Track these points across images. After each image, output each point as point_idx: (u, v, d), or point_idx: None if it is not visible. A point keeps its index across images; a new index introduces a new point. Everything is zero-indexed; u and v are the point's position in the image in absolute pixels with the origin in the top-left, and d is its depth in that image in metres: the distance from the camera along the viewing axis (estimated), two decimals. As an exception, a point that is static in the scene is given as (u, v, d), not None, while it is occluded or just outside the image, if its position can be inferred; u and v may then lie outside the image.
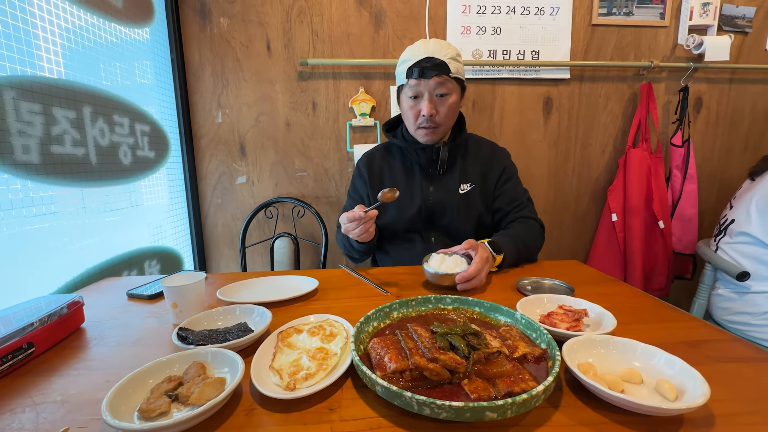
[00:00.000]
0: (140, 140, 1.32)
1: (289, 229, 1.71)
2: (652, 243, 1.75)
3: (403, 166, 1.17)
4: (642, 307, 0.79)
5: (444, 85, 1.01)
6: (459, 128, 1.16)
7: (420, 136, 1.09)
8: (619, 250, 1.77)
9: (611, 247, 1.79)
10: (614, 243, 1.78)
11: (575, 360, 0.53)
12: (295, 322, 0.69)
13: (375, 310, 0.67)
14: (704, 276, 1.46)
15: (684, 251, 1.80)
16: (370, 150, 1.26)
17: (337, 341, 0.61)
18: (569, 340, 0.56)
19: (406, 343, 0.55)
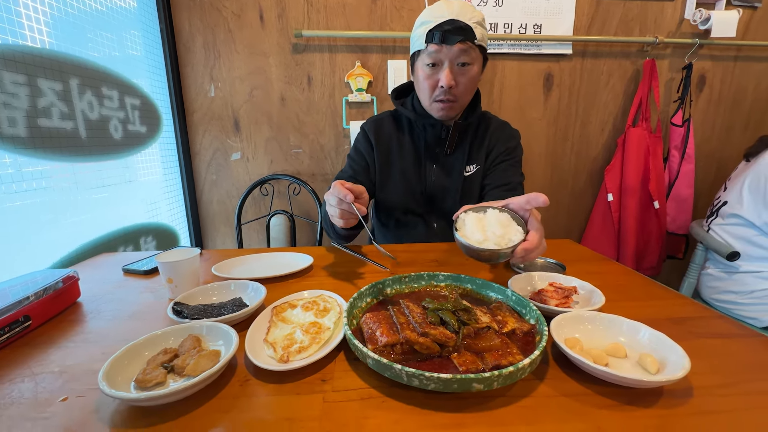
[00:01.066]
0: (131, 114, 1.29)
1: (284, 207, 1.70)
2: (646, 223, 1.76)
3: (411, 140, 1.08)
4: (631, 285, 0.80)
5: (467, 53, 0.89)
6: (472, 105, 1.05)
7: (435, 110, 0.99)
8: (614, 230, 1.79)
9: (606, 226, 1.81)
10: (609, 222, 1.80)
11: (562, 335, 0.55)
12: (290, 297, 0.70)
13: (368, 286, 0.68)
14: (695, 256, 1.48)
15: (677, 231, 1.82)
16: (377, 116, 1.15)
17: (330, 316, 0.62)
18: (557, 316, 0.57)
19: (397, 318, 0.56)
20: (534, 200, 0.60)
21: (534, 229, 0.60)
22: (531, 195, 0.60)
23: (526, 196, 0.61)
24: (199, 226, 1.72)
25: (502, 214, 0.63)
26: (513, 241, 0.59)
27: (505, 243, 0.59)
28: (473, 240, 0.61)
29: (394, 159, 1.10)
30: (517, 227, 0.62)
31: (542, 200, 0.58)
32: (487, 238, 0.61)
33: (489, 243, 0.60)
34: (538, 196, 0.59)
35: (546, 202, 0.59)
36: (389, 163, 1.11)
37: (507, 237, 0.60)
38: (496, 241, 0.60)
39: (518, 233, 0.61)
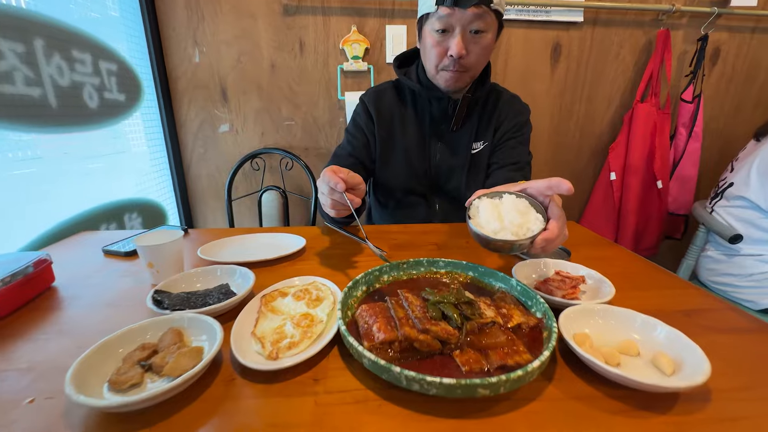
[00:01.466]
0: (107, 81, 1.19)
1: (277, 182, 1.64)
2: (647, 203, 1.72)
3: (414, 114, 1.00)
4: (638, 272, 0.77)
5: (482, 18, 0.79)
6: (482, 76, 0.96)
7: (441, 80, 0.90)
8: (614, 210, 1.75)
9: (606, 205, 1.77)
10: (610, 202, 1.76)
11: (571, 330, 0.51)
12: (280, 284, 0.65)
13: (364, 274, 0.63)
14: (696, 238, 1.46)
15: (678, 212, 1.79)
16: (377, 86, 1.06)
17: (323, 306, 0.58)
18: (566, 309, 0.54)
19: (395, 311, 0.52)
20: (556, 186, 0.53)
21: (555, 218, 0.54)
22: (553, 180, 0.54)
23: (547, 181, 0.55)
24: (187, 202, 1.66)
25: (520, 200, 0.58)
26: (532, 231, 0.54)
27: (524, 233, 0.54)
28: (488, 230, 0.55)
29: (396, 135, 1.03)
30: (536, 215, 0.56)
31: (566, 188, 0.52)
32: (504, 227, 0.55)
33: (506, 233, 0.54)
34: (561, 182, 0.53)
35: (570, 190, 0.51)
36: (391, 139, 1.04)
37: (525, 226, 0.54)
38: (513, 230, 0.54)
39: (538, 222, 0.55)
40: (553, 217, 0.55)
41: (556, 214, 0.54)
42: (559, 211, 0.55)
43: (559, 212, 0.55)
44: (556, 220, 0.54)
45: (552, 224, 0.54)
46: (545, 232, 0.53)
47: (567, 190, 0.53)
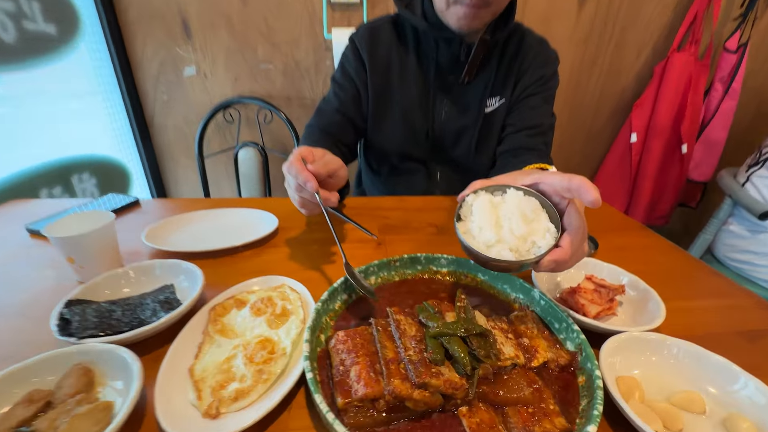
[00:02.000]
0: (27, 6, 0.94)
1: (255, 137, 1.43)
2: (667, 169, 1.57)
3: (417, 61, 0.81)
4: (677, 269, 0.64)
5: None
6: (505, 14, 0.75)
7: (454, 16, 0.70)
8: (630, 175, 1.60)
9: (622, 170, 1.61)
10: (626, 166, 1.60)
11: (614, 371, 0.39)
12: (237, 288, 0.51)
13: (344, 279, 0.49)
14: (719, 210, 1.33)
15: (698, 179, 1.64)
16: (371, 23, 0.85)
17: (289, 327, 0.45)
18: (609, 341, 0.41)
19: (382, 345, 0.39)
20: (578, 191, 0.38)
21: (571, 231, 0.40)
22: (575, 180, 0.39)
23: (568, 179, 0.40)
24: (154, 159, 1.46)
25: (528, 200, 0.43)
26: (538, 247, 0.41)
27: (527, 249, 0.41)
28: (480, 240, 0.42)
29: (393, 87, 0.83)
30: (547, 223, 0.42)
31: (591, 199, 0.37)
32: (501, 238, 0.42)
33: (502, 246, 0.41)
34: (586, 187, 0.37)
35: (597, 202, 0.37)
36: (387, 92, 0.84)
37: (530, 239, 0.41)
38: (513, 244, 0.41)
39: (548, 234, 0.41)
40: (570, 229, 0.40)
41: (574, 226, 0.40)
42: (579, 222, 0.40)
43: (577, 224, 0.40)
44: (572, 235, 0.40)
45: (566, 240, 0.40)
46: (556, 250, 0.39)
47: (592, 202, 0.37)
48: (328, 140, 0.80)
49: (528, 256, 0.41)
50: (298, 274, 0.57)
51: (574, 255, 0.40)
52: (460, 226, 0.45)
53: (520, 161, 0.75)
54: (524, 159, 0.76)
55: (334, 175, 0.57)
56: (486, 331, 0.39)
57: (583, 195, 0.38)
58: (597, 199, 0.36)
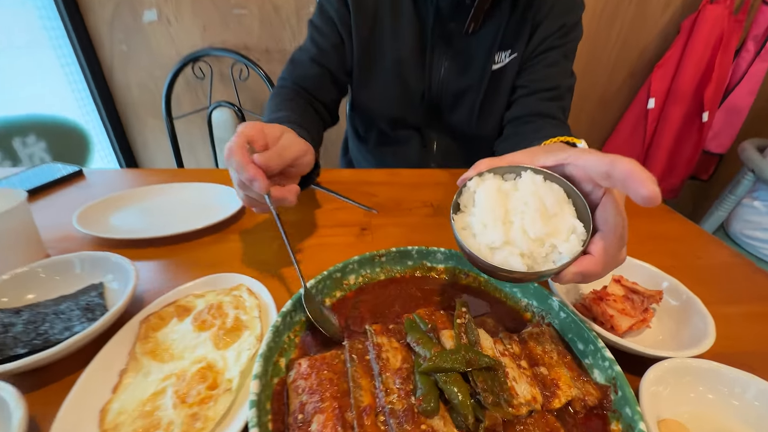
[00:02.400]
0: None
1: (230, 96, 1.27)
2: (684, 139, 1.44)
3: (412, 4, 0.67)
4: (714, 262, 0.55)
5: None
6: None
7: None
8: (642, 146, 1.48)
9: (634, 140, 1.49)
10: (639, 136, 1.47)
11: (655, 409, 0.30)
12: (181, 291, 0.41)
13: (317, 279, 0.39)
14: (740, 186, 1.23)
15: (714, 150, 1.52)
16: None
17: (240, 347, 0.35)
18: (650, 371, 0.32)
19: (356, 386, 0.29)
20: (627, 180, 0.26)
21: (606, 233, 0.30)
22: (623, 166, 0.27)
23: (611, 163, 0.28)
24: (118, 120, 1.30)
25: (550, 187, 0.33)
26: (559, 255, 0.30)
27: (544, 254, 0.31)
28: (483, 241, 0.32)
29: (384, 36, 0.69)
30: (572, 220, 0.31)
31: (647, 192, 0.25)
32: (510, 239, 0.31)
33: (510, 251, 0.31)
34: (640, 177, 0.26)
35: (655, 198, 0.25)
36: (375, 42, 0.69)
37: (549, 241, 0.31)
38: (526, 247, 0.31)
39: (573, 236, 0.31)
40: (605, 230, 0.30)
41: (610, 225, 0.30)
42: (617, 221, 0.29)
43: (615, 223, 0.29)
44: (608, 239, 0.30)
45: (598, 246, 0.30)
46: (584, 259, 0.30)
47: (647, 198, 0.25)
48: (302, 98, 0.67)
49: (545, 265, 0.31)
50: (265, 270, 0.47)
51: (608, 265, 0.30)
52: (458, 219, 0.34)
53: (533, 129, 0.63)
54: (539, 127, 0.63)
55: (295, 163, 0.44)
56: (494, 364, 0.30)
57: (632, 187, 0.26)
58: (654, 194, 0.25)
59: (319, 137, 0.65)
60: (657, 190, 0.25)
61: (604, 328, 0.39)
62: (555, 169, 0.33)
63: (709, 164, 1.59)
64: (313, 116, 0.67)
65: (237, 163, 0.39)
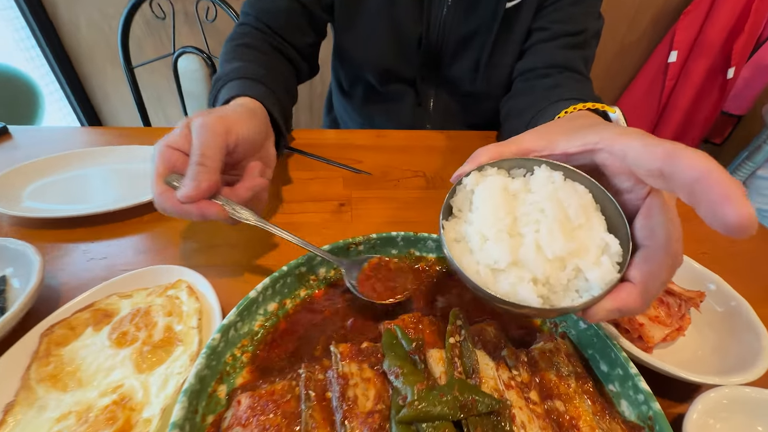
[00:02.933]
0: None
1: (197, 41, 1.10)
2: (704, 98, 1.32)
3: None
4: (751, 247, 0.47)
5: None
6: None
7: None
8: (658, 104, 1.36)
9: (650, 97, 1.36)
10: (656, 92, 1.35)
11: None
12: (102, 290, 0.32)
13: (275, 277, 0.30)
14: (759, 152, 1.13)
15: (734, 111, 1.41)
16: None
17: (168, 371, 0.27)
18: (696, 402, 0.25)
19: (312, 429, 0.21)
20: (692, 177, 0.18)
21: (652, 254, 0.22)
22: (688, 162, 0.18)
23: (666, 157, 0.19)
24: (71, 67, 1.14)
25: (574, 188, 0.25)
26: (586, 283, 0.23)
27: (565, 282, 0.23)
28: (483, 260, 0.24)
29: None
30: (602, 234, 0.23)
31: (733, 213, 0.16)
32: (519, 259, 0.24)
33: (519, 276, 0.23)
34: (719, 183, 0.17)
35: (747, 224, 0.16)
36: None
37: (573, 263, 0.23)
38: (542, 271, 0.23)
39: (605, 258, 0.23)
40: (650, 248, 0.22)
41: (660, 239, 0.21)
42: (668, 232, 0.21)
43: (666, 235, 0.21)
44: (655, 261, 0.22)
45: (642, 273, 0.22)
46: (623, 290, 0.22)
47: (734, 224, 0.16)
48: (267, 42, 0.54)
49: (566, 296, 0.23)
50: (216, 261, 0.38)
51: (655, 295, 0.22)
52: (450, 228, 0.26)
53: (549, 86, 0.52)
54: (556, 83, 0.52)
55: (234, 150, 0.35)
56: (497, 407, 0.22)
57: (708, 200, 0.17)
58: (748, 220, 0.16)
59: (289, 95, 0.53)
60: (752, 212, 0.16)
61: (629, 338, 0.32)
62: (581, 156, 0.24)
63: (725, 127, 1.48)
64: (281, 66, 0.55)
65: (176, 213, 0.31)
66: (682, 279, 0.35)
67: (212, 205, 0.31)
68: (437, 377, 0.25)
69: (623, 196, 0.24)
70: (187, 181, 0.30)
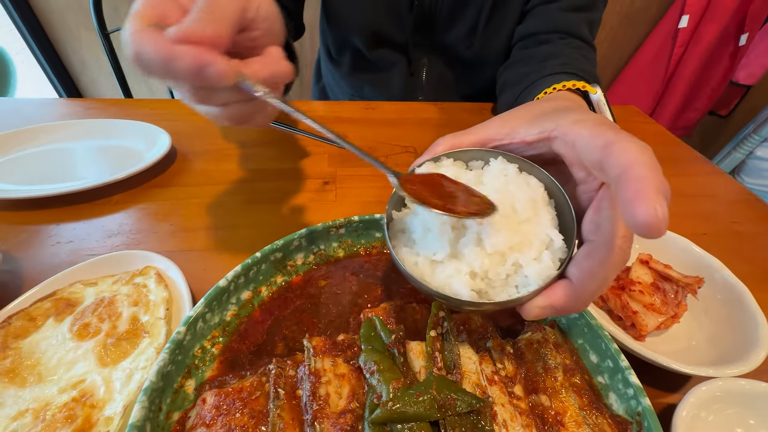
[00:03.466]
0: None
1: (177, 4, 1.03)
2: (713, 65, 1.26)
3: None
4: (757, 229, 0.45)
5: None
6: None
7: None
8: (665, 72, 1.30)
9: (657, 65, 1.30)
10: (664, 60, 1.29)
11: None
12: (66, 277, 0.30)
13: (247, 264, 0.28)
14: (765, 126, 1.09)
15: (743, 81, 1.35)
16: None
17: (133, 363, 0.25)
18: (688, 395, 0.24)
19: None
20: (621, 182, 0.16)
21: (594, 250, 0.20)
22: (621, 158, 0.17)
23: (605, 149, 0.18)
24: (43, 33, 1.07)
25: (526, 181, 0.24)
26: (525, 279, 0.21)
27: (503, 278, 0.22)
28: (423, 253, 0.23)
29: None
30: (547, 229, 0.22)
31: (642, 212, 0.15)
32: (458, 252, 0.22)
33: (456, 270, 0.22)
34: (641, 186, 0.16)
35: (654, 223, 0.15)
36: None
37: (513, 258, 0.21)
38: (480, 265, 0.21)
39: (546, 253, 0.21)
40: (594, 244, 0.20)
41: (604, 234, 0.19)
42: (613, 227, 0.19)
43: (610, 230, 0.19)
44: (596, 258, 0.20)
45: (580, 270, 0.20)
46: (558, 288, 0.20)
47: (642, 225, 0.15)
48: None
49: (503, 291, 0.22)
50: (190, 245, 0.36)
51: (593, 294, 0.20)
52: (399, 218, 0.25)
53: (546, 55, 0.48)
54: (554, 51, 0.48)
55: (252, 25, 0.23)
56: (478, 406, 0.21)
57: (625, 197, 0.16)
58: (655, 219, 0.15)
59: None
60: (662, 212, 0.15)
61: (621, 325, 0.31)
62: (540, 144, 0.23)
63: (732, 98, 1.43)
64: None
65: (155, 57, 0.19)
66: (681, 263, 0.34)
67: (215, 57, 0.20)
68: (417, 372, 0.24)
69: (579, 187, 0.22)
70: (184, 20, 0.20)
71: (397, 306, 0.29)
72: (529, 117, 0.25)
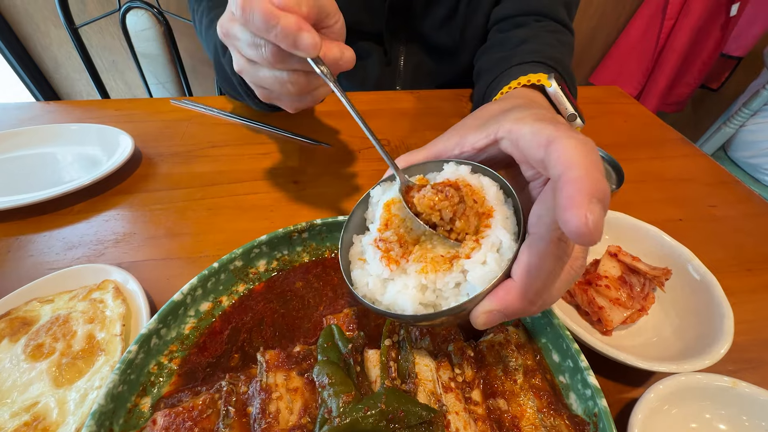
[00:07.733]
0: None
1: (147, -5, 0.99)
2: (704, 38, 1.24)
3: None
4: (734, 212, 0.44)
5: None
6: None
7: None
8: (654, 48, 1.27)
9: (647, 40, 1.27)
10: (653, 34, 1.26)
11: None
12: (14, 297, 0.30)
13: (204, 276, 0.28)
14: (757, 97, 1.07)
15: (733, 53, 1.32)
16: None
17: (88, 383, 0.25)
18: (646, 393, 0.24)
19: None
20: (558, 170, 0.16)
21: (532, 243, 0.19)
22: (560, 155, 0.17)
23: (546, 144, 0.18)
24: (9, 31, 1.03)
25: (477, 181, 0.23)
26: (470, 284, 0.20)
27: (452, 287, 0.21)
28: (374, 273, 0.22)
29: None
30: (497, 229, 0.21)
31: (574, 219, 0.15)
32: (404, 266, 0.22)
33: (404, 284, 0.21)
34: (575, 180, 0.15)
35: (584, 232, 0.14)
36: None
37: (459, 264, 0.21)
38: (427, 277, 0.21)
39: (491, 256, 0.20)
40: (532, 237, 0.19)
41: (544, 225, 0.18)
42: (550, 225, 0.18)
43: (548, 222, 0.18)
44: (534, 251, 0.19)
45: (520, 267, 0.19)
46: (504, 289, 0.19)
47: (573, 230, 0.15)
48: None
49: (453, 299, 0.21)
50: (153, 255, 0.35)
51: (539, 292, 0.19)
52: (357, 241, 0.25)
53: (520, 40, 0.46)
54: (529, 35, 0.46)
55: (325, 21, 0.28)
56: (429, 417, 0.21)
57: (560, 200, 0.15)
58: (585, 228, 0.14)
59: None
60: (593, 220, 0.14)
61: (588, 320, 0.30)
62: (491, 148, 0.23)
63: (723, 70, 1.41)
64: None
65: (262, 13, 0.23)
66: (652, 254, 0.33)
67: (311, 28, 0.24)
68: (373, 381, 0.23)
69: (531, 184, 0.21)
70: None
71: (360, 311, 0.29)
72: (477, 123, 0.24)
